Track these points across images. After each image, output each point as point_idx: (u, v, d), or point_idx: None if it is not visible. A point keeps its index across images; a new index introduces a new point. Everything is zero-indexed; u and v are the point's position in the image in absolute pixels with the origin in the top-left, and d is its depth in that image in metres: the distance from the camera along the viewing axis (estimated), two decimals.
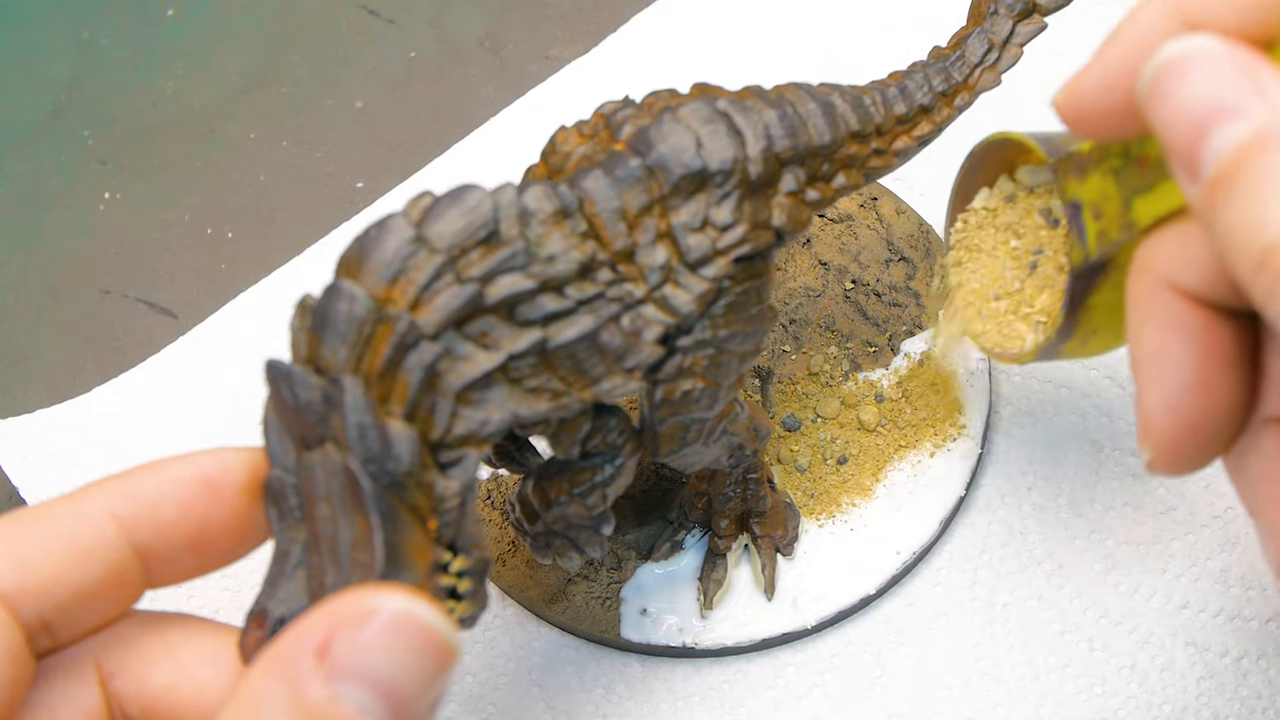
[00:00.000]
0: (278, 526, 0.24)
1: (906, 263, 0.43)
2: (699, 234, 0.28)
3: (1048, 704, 0.36)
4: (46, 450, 0.42)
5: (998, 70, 0.34)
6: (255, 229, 0.49)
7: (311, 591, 0.23)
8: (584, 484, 0.30)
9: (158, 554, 0.23)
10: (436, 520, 0.24)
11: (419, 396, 0.24)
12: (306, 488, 0.23)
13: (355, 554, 0.23)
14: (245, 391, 0.44)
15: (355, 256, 0.25)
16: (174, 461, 0.24)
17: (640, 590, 0.38)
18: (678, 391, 0.30)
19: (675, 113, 0.29)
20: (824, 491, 0.39)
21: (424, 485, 0.24)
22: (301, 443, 0.24)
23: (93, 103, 0.52)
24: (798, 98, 0.31)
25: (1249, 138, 0.20)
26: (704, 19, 0.51)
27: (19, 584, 0.22)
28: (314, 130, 0.51)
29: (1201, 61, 0.21)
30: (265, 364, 0.24)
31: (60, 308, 0.47)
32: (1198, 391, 0.22)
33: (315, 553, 0.23)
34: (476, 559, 0.25)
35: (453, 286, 0.25)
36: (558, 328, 0.26)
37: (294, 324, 0.24)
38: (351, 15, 0.54)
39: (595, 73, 0.50)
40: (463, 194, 0.25)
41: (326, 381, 0.23)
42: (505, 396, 0.26)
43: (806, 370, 0.41)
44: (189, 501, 0.23)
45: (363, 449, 0.23)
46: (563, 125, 0.31)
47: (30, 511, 0.23)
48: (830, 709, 0.37)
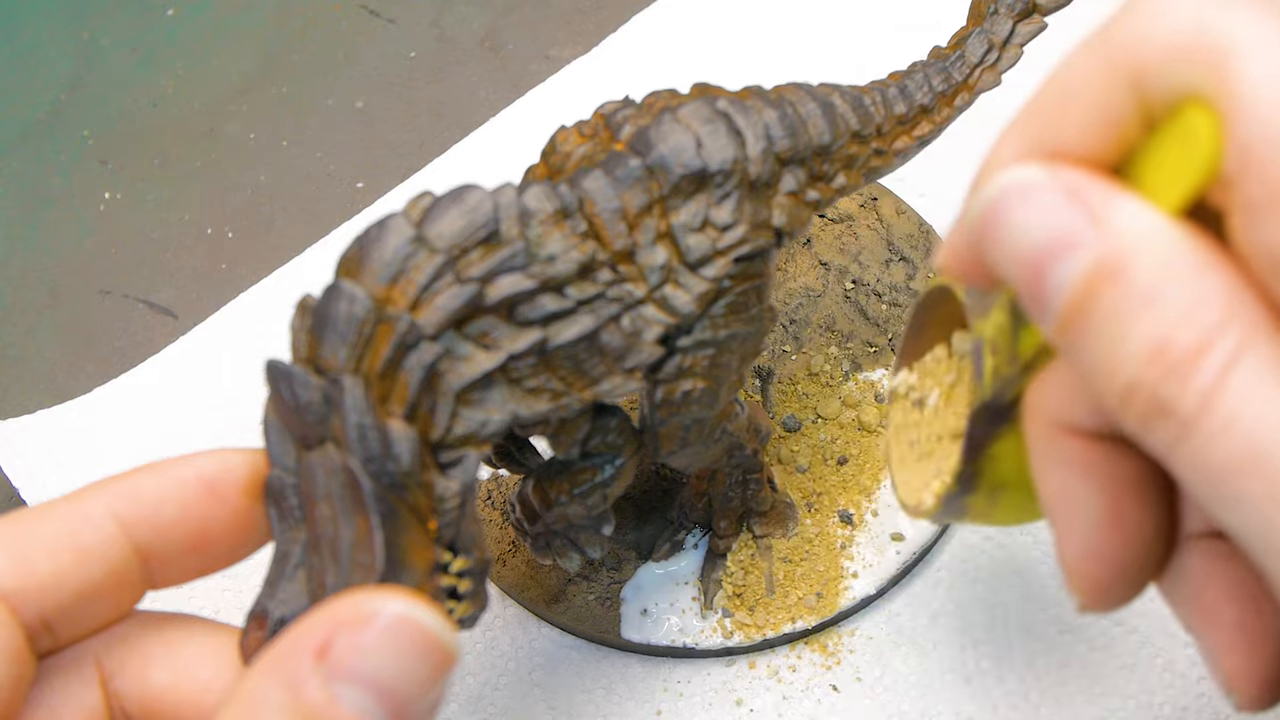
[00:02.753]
0: (278, 527, 0.24)
1: (907, 263, 0.43)
2: (699, 234, 0.28)
3: (1048, 704, 0.36)
4: (47, 451, 0.42)
5: (998, 70, 0.34)
6: (255, 229, 0.49)
7: (312, 592, 0.23)
8: (584, 484, 0.30)
9: (159, 555, 0.23)
10: (436, 520, 0.24)
11: (419, 397, 0.24)
12: (307, 488, 0.23)
13: (356, 554, 0.23)
14: (245, 391, 0.44)
15: (355, 256, 0.25)
16: (175, 462, 0.24)
17: (641, 590, 0.38)
18: (678, 391, 0.30)
19: (675, 113, 0.29)
20: (824, 491, 0.39)
21: (424, 485, 0.24)
22: (302, 443, 0.24)
23: (93, 103, 0.52)
24: (798, 98, 0.31)
25: (1090, 270, 0.18)
26: (705, 19, 0.51)
27: (20, 583, 0.22)
28: (314, 130, 0.51)
29: (1026, 195, 0.19)
30: (265, 364, 0.24)
31: (60, 308, 0.47)
32: (1112, 530, 0.21)
33: (315, 553, 0.23)
34: (476, 559, 0.25)
35: (453, 286, 0.25)
36: (558, 328, 0.26)
37: (294, 324, 0.24)
38: (352, 15, 0.54)
39: (595, 73, 0.50)
40: (463, 194, 0.25)
41: (327, 381, 0.23)
42: (505, 397, 0.26)
43: (807, 370, 0.41)
44: (190, 502, 0.23)
45: (363, 449, 0.23)
46: (563, 125, 0.31)
47: (32, 511, 0.23)
48: (830, 709, 0.37)
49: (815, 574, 0.38)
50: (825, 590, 0.38)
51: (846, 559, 0.38)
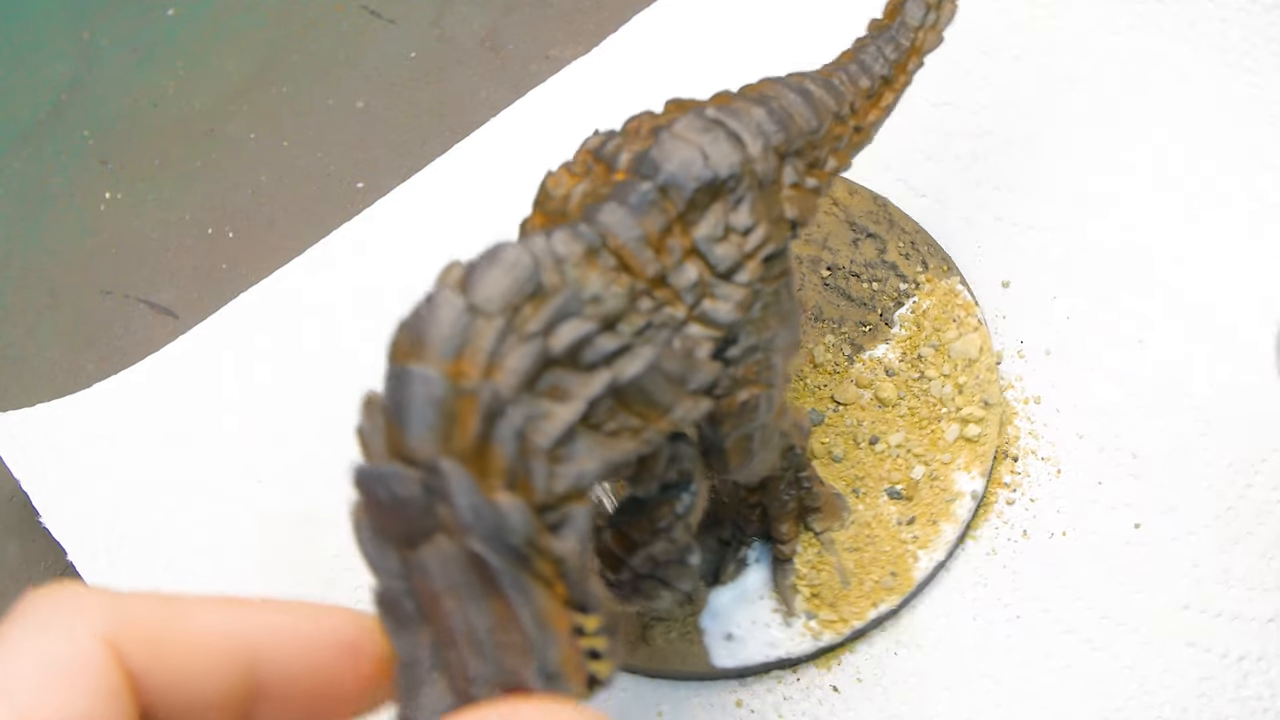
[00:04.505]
0: (397, 636, 0.23)
1: (874, 238, 0.44)
2: (724, 243, 0.28)
3: (1048, 704, 0.36)
4: (48, 444, 0.42)
5: (939, 29, 0.35)
6: (256, 229, 0.49)
7: (456, 689, 0.22)
8: (665, 519, 0.30)
9: (271, 693, 0.23)
10: (563, 584, 0.23)
11: (515, 464, 0.23)
12: (422, 586, 0.22)
13: (498, 637, 0.22)
14: (245, 391, 0.44)
15: (410, 340, 0.24)
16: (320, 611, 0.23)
17: (718, 616, 0.37)
18: (736, 403, 0.30)
19: (670, 130, 0.29)
20: (865, 474, 0.39)
21: (543, 551, 0.23)
22: (405, 542, 0.23)
23: (93, 103, 0.52)
24: (776, 92, 0.31)
25: None
26: (706, 19, 0.51)
27: (152, 666, 0.21)
28: (315, 130, 0.51)
29: None
30: (353, 473, 0.23)
31: (60, 308, 0.47)
32: None
33: (450, 649, 0.22)
34: (606, 614, 0.24)
35: (519, 346, 0.24)
36: (622, 364, 0.26)
37: (362, 426, 0.23)
38: (352, 15, 0.54)
39: (596, 73, 0.50)
40: (497, 253, 0.24)
41: (423, 472, 0.22)
42: (591, 445, 0.25)
43: (811, 363, 0.41)
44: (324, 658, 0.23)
45: (481, 528, 0.22)
46: (549, 170, 0.30)
47: (176, 603, 0.22)
48: (831, 710, 0.37)
49: (883, 555, 0.38)
50: (897, 568, 0.38)
51: (908, 532, 0.38)
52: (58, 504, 0.41)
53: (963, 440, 0.40)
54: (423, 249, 0.46)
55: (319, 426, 0.43)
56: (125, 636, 0.21)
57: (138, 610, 0.21)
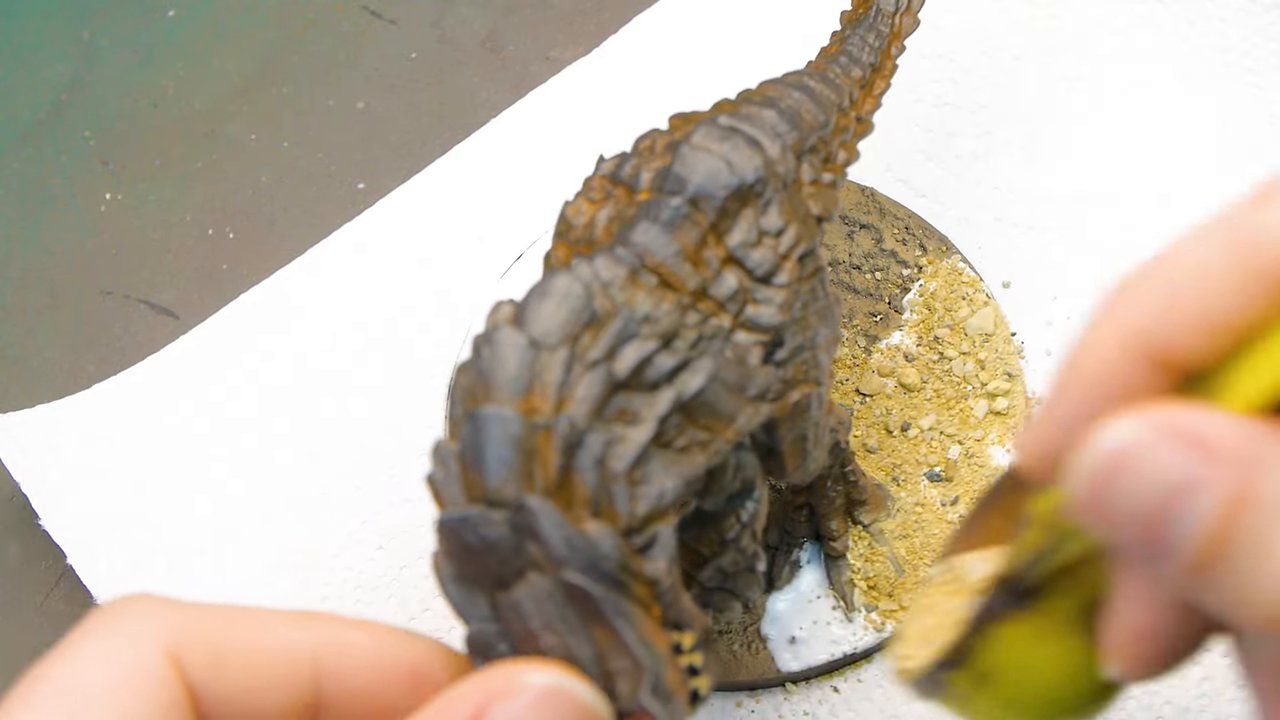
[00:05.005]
0: None
1: (868, 229, 0.44)
2: (759, 247, 0.28)
3: None
4: (47, 445, 0.42)
5: (913, 11, 0.36)
6: (256, 229, 0.49)
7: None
8: (732, 529, 0.30)
9: (332, 708, 0.23)
10: (658, 604, 0.23)
11: (598, 493, 0.23)
12: (517, 626, 0.22)
13: (604, 666, 0.22)
14: (245, 392, 0.44)
15: (477, 383, 0.24)
16: (390, 634, 0.23)
17: (778, 621, 0.38)
18: (789, 404, 0.30)
19: (689, 143, 0.29)
20: (902, 461, 0.40)
21: (637, 574, 0.23)
22: (494, 584, 0.23)
23: (93, 103, 0.52)
24: (779, 92, 0.31)
25: (1221, 505, 0.18)
26: (706, 19, 0.51)
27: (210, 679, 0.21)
28: (315, 131, 0.51)
29: (1135, 457, 0.18)
30: (436, 523, 0.23)
31: (60, 308, 0.47)
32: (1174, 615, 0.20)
33: None
34: (700, 629, 0.24)
35: (585, 374, 0.24)
36: (684, 379, 0.26)
37: (434, 474, 0.23)
38: (353, 16, 0.54)
39: (597, 74, 0.50)
40: (547, 286, 0.25)
41: (508, 511, 0.22)
42: (665, 463, 0.25)
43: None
44: (390, 680, 0.23)
45: (576, 560, 0.22)
46: (566, 200, 0.30)
47: (243, 614, 0.22)
48: (831, 710, 0.37)
49: (934, 539, 0.38)
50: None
51: (953, 512, 0.39)
52: (57, 505, 0.41)
53: (992, 415, 0.40)
54: (423, 250, 0.46)
55: (319, 427, 0.43)
56: (188, 649, 0.21)
57: (203, 623, 0.22)
